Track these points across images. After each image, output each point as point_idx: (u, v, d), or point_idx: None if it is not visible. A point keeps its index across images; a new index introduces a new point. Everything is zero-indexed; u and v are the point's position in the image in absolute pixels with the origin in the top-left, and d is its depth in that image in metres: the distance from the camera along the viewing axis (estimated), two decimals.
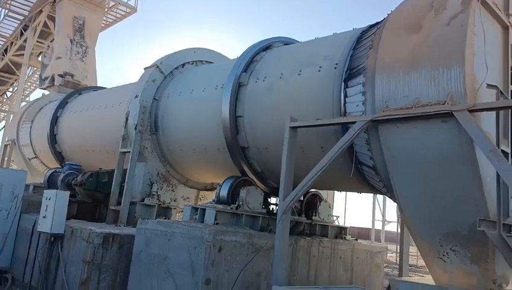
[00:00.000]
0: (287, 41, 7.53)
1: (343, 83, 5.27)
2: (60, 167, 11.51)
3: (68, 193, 7.56)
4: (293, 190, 5.17)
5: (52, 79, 15.22)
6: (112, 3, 17.31)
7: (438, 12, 4.44)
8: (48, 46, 16.96)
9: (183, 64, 8.94)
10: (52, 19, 17.13)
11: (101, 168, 9.05)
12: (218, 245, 5.30)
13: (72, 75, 15.20)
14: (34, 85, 23.09)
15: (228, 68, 7.14)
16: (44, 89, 15.87)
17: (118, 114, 9.06)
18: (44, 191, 7.80)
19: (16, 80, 23.68)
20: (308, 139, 5.65)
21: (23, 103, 17.48)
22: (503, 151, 4.32)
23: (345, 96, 5.22)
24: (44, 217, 7.30)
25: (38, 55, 20.36)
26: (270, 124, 6.22)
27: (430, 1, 4.62)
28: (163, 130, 8.23)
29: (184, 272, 5.42)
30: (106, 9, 17.39)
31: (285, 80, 6.17)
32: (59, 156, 11.76)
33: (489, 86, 4.03)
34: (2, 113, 27.53)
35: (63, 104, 12.05)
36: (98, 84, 16.18)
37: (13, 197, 8.81)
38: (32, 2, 17.61)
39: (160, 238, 5.90)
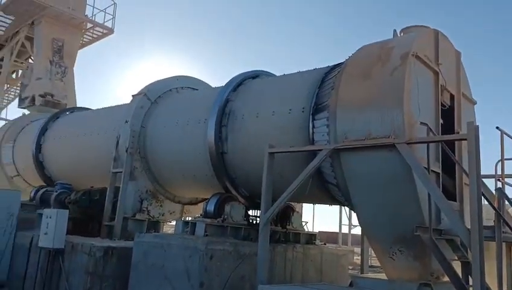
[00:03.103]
0: (255, 75, 8.55)
1: (311, 116, 6.42)
2: (44, 184, 12.17)
3: (67, 211, 8.35)
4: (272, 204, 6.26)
5: (33, 99, 15.75)
6: (89, 25, 18.00)
7: (384, 64, 5.66)
8: (27, 66, 17.42)
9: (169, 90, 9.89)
10: (29, 39, 17.61)
11: (92, 187, 9.84)
12: (209, 254, 6.31)
13: (52, 95, 15.77)
14: (5, 102, 23.20)
15: (209, 99, 8.19)
16: (24, 108, 16.35)
17: (107, 137, 9.89)
18: (45, 210, 8.56)
19: None
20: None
21: (1, 122, 17.80)
22: (435, 171, 5.59)
23: (313, 127, 6.37)
24: (45, 233, 8.05)
25: (12, 73, 20.67)
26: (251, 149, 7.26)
27: (378, 54, 5.84)
28: (152, 152, 9.15)
29: (180, 277, 6.38)
30: (84, 30, 18.05)
31: (261, 118, 7.25)
32: (44, 175, 12.37)
33: (422, 123, 5.27)
34: None
35: (48, 124, 12.68)
36: (77, 103, 16.82)
37: (9, 215, 9.46)
38: (7, 23, 18.02)
39: (157, 250, 6.84)
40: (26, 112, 16.34)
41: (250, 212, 8.17)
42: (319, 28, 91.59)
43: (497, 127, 5.32)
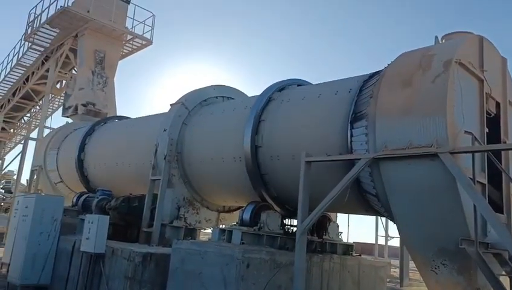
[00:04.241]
0: (289, 84, 8.55)
1: (349, 125, 6.34)
2: (85, 190, 12.58)
3: (108, 217, 8.57)
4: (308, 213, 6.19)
5: (76, 108, 16.39)
6: (129, 37, 18.59)
7: (425, 71, 5.52)
8: (71, 77, 18.18)
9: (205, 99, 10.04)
10: (73, 51, 18.38)
11: (131, 194, 10.07)
12: (246, 262, 6.29)
13: (93, 104, 16.37)
14: (50, 111, 24.21)
15: (245, 109, 8.24)
16: (67, 117, 17.02)
17: (145, 145, 10.12)
18: (87, 215, 8.82)
19: (33, 106, 24.89)
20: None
21: (46, 131, 18.56)
22: (480, 182, 5.38)
23: (351, 135, 6.28)
24: (87, 238, 8.30)
25: (56, 83, 21.58)
26: (287, 160, 7.22)
27: (418, 61, 5.71)
28: (188, 160, 9.28)
29: (217, 285, 6.39)
30: (124, 42, 18.66)
31: (297, 128, 7.23)
32: (86, 182, 12.78)
33: (466, 132, 5.09)
34: (18, 137, 28.72)
35: (90, 132, 13.13)
36: (117, 112, 17.33)
37: (53, 220, 9.81)
38: (53, 36, 18.87)
39: (194, 257, 6.89)
40: (70, 120, 17.00)
41: (286, 221, 8.13)
42: (355, 36, 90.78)
43: None
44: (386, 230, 24.30)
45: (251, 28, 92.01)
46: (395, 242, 28.39)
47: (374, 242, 25.62)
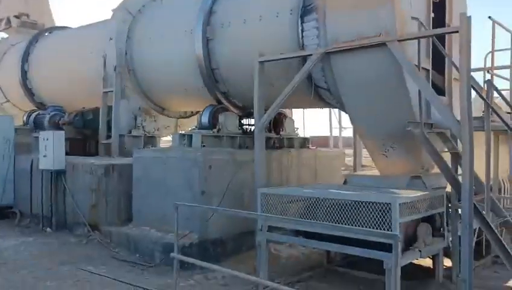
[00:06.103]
0: None
1: (299, 19, 6.23)
2: (36, 108, 12.09)
3: (63, 132, 8.40)
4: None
5: (8, 21, 14.98)
6: None
7: None
8: None
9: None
10: None
11: (84, 107, 9.80)
12: (208, 164, 6.50)
13: (27, 15, 15.00)
14: None
15: (194, 6, 7.85)
16: (1, 32, 15.62)
17: (92, 56, 9.63)
18: (40, 132, 8.57)
19: None
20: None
21: None
22: (425, 68, 5.59)
23: (302, 31, 6.21)
24: (44, 156, 8.17)
25: None
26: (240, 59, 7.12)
27: None
28: (140, 68, 8.96)
29: (182, 188, 6.62)
30: None
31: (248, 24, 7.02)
32: (34, 100, 12.22)
33: (413, 18, 5.15)
34: None
35: (30, 47, 12.24)
36: (55, 21, 16.07)
37: (5, 140, 9.51)
38: None
39: (157, 164, 7.01)
40: (4, 35, 15.65)
41: (243, 121, 8.27)
42: None
43: (489, 17, 5.22)
44: (340, 122, 25.22)
45: None
46: (349, 133, 29.62)
47: (328, 134, 26.71)
